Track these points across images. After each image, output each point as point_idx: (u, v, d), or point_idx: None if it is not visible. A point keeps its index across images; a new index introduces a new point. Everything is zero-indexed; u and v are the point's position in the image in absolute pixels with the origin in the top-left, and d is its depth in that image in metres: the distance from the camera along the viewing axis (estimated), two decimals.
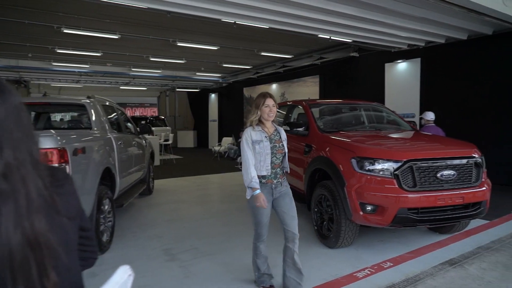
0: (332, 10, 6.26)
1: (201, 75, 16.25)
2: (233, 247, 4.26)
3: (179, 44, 9.59)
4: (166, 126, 17.06)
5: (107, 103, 5.45)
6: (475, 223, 4.83)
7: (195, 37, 9.40)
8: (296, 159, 4.91)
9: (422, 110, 8.90)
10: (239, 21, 6.81)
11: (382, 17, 6.72)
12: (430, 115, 6.14)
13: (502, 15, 5.55)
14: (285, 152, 2.96)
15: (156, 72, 15.02)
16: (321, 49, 11.14)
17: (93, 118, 4.35)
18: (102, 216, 3.91)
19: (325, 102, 6.06)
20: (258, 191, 2.79)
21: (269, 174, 2.88)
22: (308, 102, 5.27)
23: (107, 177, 4.29)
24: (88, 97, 4.64)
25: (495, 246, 4.11)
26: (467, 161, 3.78)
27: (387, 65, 9.69)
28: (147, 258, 3.93)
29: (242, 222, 5.26)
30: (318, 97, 11.78)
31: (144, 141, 6.76)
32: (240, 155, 10.05)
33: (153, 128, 15.17)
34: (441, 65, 8.67)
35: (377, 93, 9.63)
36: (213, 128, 18.80)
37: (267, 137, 2.87)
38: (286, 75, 13.53)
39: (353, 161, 3.68)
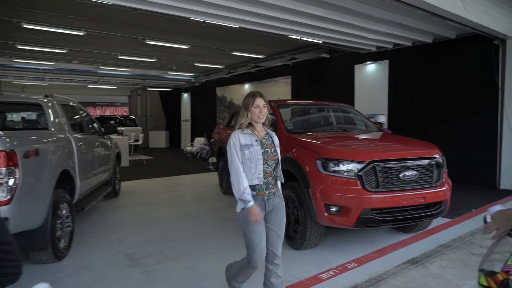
0: (302, 11, 6.28)
1: (173, 74, 15.99)
2: (200, 250, 4.17)
3: (148, 42, 9.36)
4: (136, 126, 16.67)
5: (70, 103, 5.23)
6: (437, 221, 4.95)
7: (165, 36, 9.20)
8: None
9: (391, 111, 9.13)
10: (208, 20, 6.71)
11: (351, 19, 6.81)
12: (381, 118, 6.34)
13: (463, 19, 5.72)
14: (278, 159, 2.60)
15: (126, 71, 14.63)
16: (293, 50, 11.19)
17: (51, 118, 4.14)
18: (59, 221, 3.72)
19: (293, 102, 6.07)
20: (251, 203, 2.43)
21: (260, 183, 2.50)
22: (276, 102, 5.25)
23: (65, 180, 4.10)
24: (46, 96, 4.41)
25: (456, 244, 4.23)
26: (429, 162, 3.86)
27: (356, 66, 9.85)
28: (107, 264, 3.78)
29: (211, 224, 5.18)
30: (290, 98, 11.84)
31: (109, 142, 6.54)
32: (212, 155, 9.82)
33: (122, 128, 14.85)
34: (408, 67, 8.90)
35: (347, 94, 9.78)
36: (185, 128, 18.55)
37: (258, 141, 2.52)
38: (259, 75, 13.52)
39: (318, 162, 3.67)
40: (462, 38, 7.68)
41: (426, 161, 3.81)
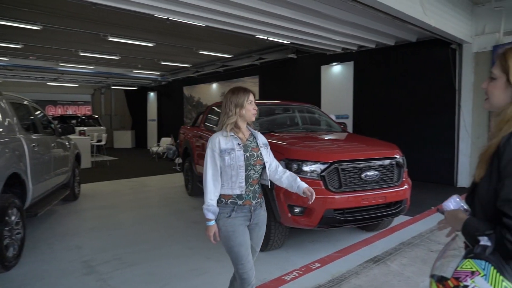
0: (269, 12, 6.26)
1: (138, 73, 15.56)
2: (161, 255, 4.03)
3: (110, 39, 9.01)
4: (100, 125, 16.09)
5: (23, 102, 4.92)
6: (399, 219, 5.08)
7: (128, 32, 8.91)
8: None
9: (356, 111, 9.32)
10: (173, 18, 6.54)
11: (318, 20, 6.87)
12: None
13: (423, 23, 5.91)
14: (265, 162, 2.31)
15: (88, 68, 14.08)
16: (260, 50, 11.18)
17: None
18: (7, 228, 3.47)
19: (259, 103, 6.01)
20: (211, 223, 2.19)
21: (243, 193, 2.22)
22: None
23: (16, 184, 3.84)
24: None
25: (416, 242, 4.34)
26: (390, 162, 3.94)
27: (323, 67, 9.98)
28: (62, 272, 3.57)
29: (174, 227, 5.04)
30: (257, 98, 11.82)
31: (67, 143, 6.23)
32: (179, 156, 9.57)
33: (85, 128, 14.28)
34: (371, 69, 9.12)
35: (314, 94, 9.89)
36: (152, 128, 18.11)
37: (241, 145, 2.23)
38: (226, 74, 13.42)
39: (282, 163, 3.64)
40: (422, 41, 7.96)
41: (387, 161, 3.89)
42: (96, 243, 4.42)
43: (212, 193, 2.20)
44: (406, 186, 4.05)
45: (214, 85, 14.33)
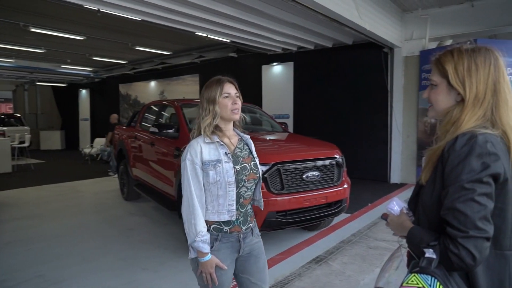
0: (209, 8, 6.08)
1: (67, 68, 14.39)
2: (91, 268, 3.66)
3: (33, 30, 8.16)
4: (23, 125, 14.63)
5: None
6: (338, 217, 5.18)
7: (54, 23, 8.14)
8: (166, 161, 4.55)
9: (296, 111, 9.46)
10: (104, 9, 6.06)
11: (258, 19, 6.83)
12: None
13: (358, 27, 6.12)
14: (259, 177, 1.85)
15: (8, 62, 12.70)
16: (201, 48, 10.91)
17: None
18: None
19: (198, 102, 5.81)
20: (207, 257, 1.67)
21: (232, 219, 1.74)
22: (180, 102, 4.94)
23: None
24: None
25: (355, 239, 4.45)
26: (330, 162, 3.97)
27: (264, 67, 10.00)
28: None
29: (107, 236, 4.65)
30: (198, 96, 11.53)
31: None
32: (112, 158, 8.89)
33: (4, 128, 12.89)
34: (311, 69, 9.32)
35: (255, 94, 9.87)
36: (84, 127, 16.89)
37: (229, 155, 1.73)
38: (165, 72, 12.93)
39: None
40: (358, 44, 8.29)
41: (327, 161, 3.92)
42: (13, 259, 3.90)
43: (200, 217, 1.67)
44: (345, 186, 4.12)
45: (152, 83, 13.75)
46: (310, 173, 3.71)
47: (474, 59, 1.12)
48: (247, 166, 1.79)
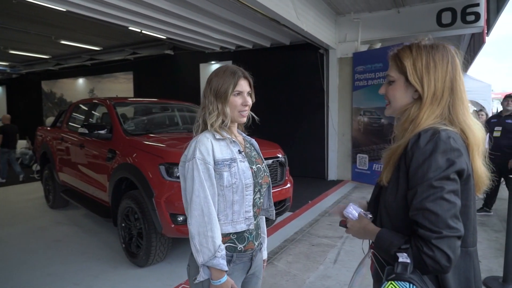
0: (143, 1, 5.76)
1: None
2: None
3: None
4: None
5: None
6: (282, 216, 5.20)
7: None
8: (98, 165, 4.19)
9: None
10: None
11: (195, 15, 6.64)
12: None
13: (296, 27, 6.21)
14: (270, 182, 1.61)
15: None
16: (134, 44, 10.36)
17: None
18: None
19: (134, 101, 5.46)
20: (225, 278, 1.36)
21: (250, 228, 1.45)
22: (113, 100, 4.58)
23: None
24: None
25: (298, 237, 4.48)
26: (273, 161, 3.93)
27: (201, 65, 9.79)
28: None
29: (31, 250, 4.13)
30: (132, 95, 10.95)
31: None
32: (36, 162, 8.04)
33: None
34: (250, 69, 9.12)
35: (193, 93, 9.56)
36: None
37: (243, 153, 1.47)
38: (95, 69, 12.09)
39: (162, 167, 3.27)
40: (295, 45, 8.46)
41: (270, 161, 3.87)
42: None
43: (217, 227, 1.36)
44: (289, 185, 4.12)
45: (81, 80, 12.78)
46: None
47: (432, 56, 1.09)
48: (261, 167, 1.54)
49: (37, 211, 5.96)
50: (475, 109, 10.94)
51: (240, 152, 1.46)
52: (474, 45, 9.39)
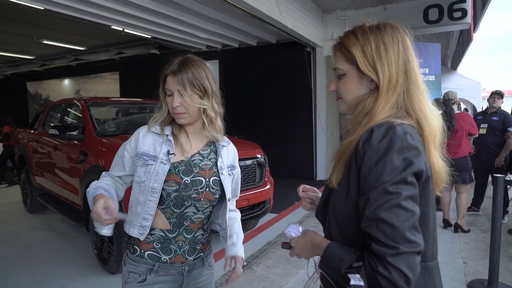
0: (126, 0, 5.60)
1: None
2: None
3: None
4: None
5: None
6: (265, 218, 5.06)
7: None
8: (71, 167, 4.02)
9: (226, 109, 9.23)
10: None
11: (179, 14, 6.51)
12: None
13: (280, 24, 6.08)
14: (220, 199, 1.40)
15: None
16: (119, 43, 10.17)
17: None
18: None
19: (108, 101, 5.28)
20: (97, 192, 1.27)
21: (142, 237, 1.31)
22: (87, 100, 4.41)
23: None
24: None
25: (280, 240, 4.33)
26: (252, 162, 3.80)
27: None
28: None
29: None
30: (119, 95, 10.75)
31: None
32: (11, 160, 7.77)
33: None
34: (236, 68, 9.17)
35: None
36: None
37: (171, 156, 1.29)
38: (81, 69, 11.87)
39: None
40: (282, 43, 8.33)
41: (249, 162, 3.74)
42: None
43: (104, 177, 1.39)
44: (268, 186, 3.99)
45: (66, 81, 12.56)
46: None
47: (381, 37, 0.95)
48: (203, 180, 1.32)
49: (13, 215, 5.77)
50: (465, 107, 10.90)
51: (169, 153, 1.30)
52: (463, 42, 9.34)
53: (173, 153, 1.30)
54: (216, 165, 1.38)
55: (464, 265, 3.62)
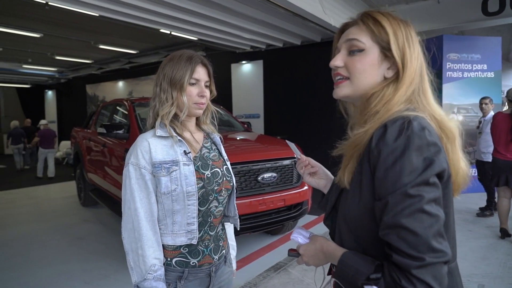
0: (172, 4, 5.82)
1: (29, 68, 13.68)
2: (21, 285, 3.29)
3: None
4: None
5: None
6: (305, 219, 4.98)
7: (6, 19, 7.61)
8: (116, 164, 4.23)
9: (266, 110, 9.23)
10: (52, 2, 5.64)
11: (225, 16, 6.59)
12: None
13: (323, 22, 5.94)
14: (233, 186, 1.39)
15: None
16: (168, 46, 10.54)
17: None
18: None
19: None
20: None
21: (194, 241, 1.26)
22: (133, 100, 4.62)
23: None
24: None
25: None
26: (290, 162, 3.74)
27: (233, 65, 9.73)
28: None
29: (51, 247, 4.27)
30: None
31: None
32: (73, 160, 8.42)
33: None
34: (280, 68, 9.11)
35: (225, 93, 9.58)
36: None
37: (189, 155, 1.26)
38: (133, 72, 12.46)
39: None
40: (327, 41, 8.14)
41: (286, 162, 3.68)
42: None
43: (154, 245, 1.20)
44: (306, 187, 3.89)
45: (121, 83, 13.26)
46: (266, 175, 3.46)
47: (409, 30, 0.88)
48: (219, 171, 1.33)
49: (68, 208, 6.20)
50: None
51: (186, 153, 1.25)
52: None
53: (190, 152, 1.27)
54: (221, 155, 1.42)
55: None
